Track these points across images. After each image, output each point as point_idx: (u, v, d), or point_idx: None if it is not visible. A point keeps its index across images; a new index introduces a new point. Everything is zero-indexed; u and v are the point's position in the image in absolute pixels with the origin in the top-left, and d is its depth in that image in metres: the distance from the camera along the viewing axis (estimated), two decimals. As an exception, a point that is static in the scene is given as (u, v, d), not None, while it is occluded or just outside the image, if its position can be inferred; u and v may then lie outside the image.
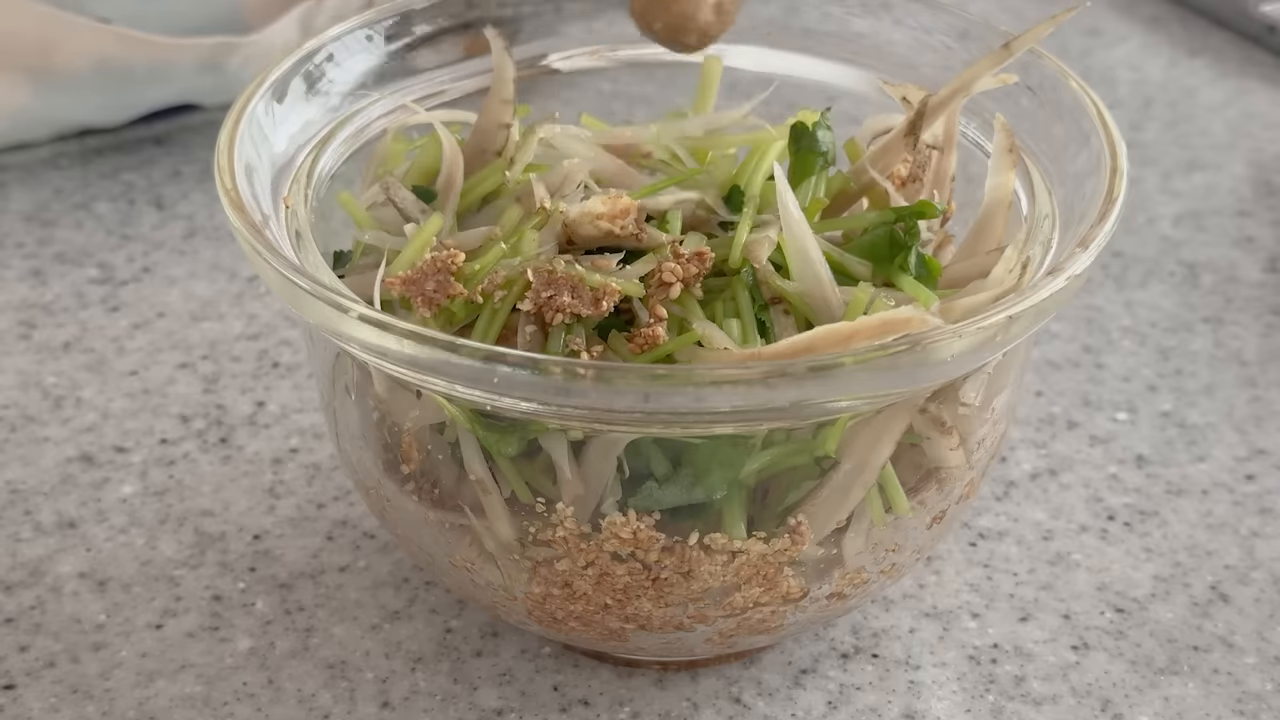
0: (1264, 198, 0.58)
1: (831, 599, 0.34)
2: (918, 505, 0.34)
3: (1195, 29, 0.71)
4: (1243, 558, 0.41)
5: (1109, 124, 0.36)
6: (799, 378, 0.28)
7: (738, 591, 0.33)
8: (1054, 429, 0.46)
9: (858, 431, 0.32)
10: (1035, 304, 0.30)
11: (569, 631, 0.35)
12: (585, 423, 0.30)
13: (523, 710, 0.37)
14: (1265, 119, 0.64)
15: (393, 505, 0.35)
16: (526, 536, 0.32)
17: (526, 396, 0.29)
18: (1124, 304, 0.52)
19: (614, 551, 0.32)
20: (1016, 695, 0.37)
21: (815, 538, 0.33)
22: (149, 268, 0.53)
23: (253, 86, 0.36)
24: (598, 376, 0.28)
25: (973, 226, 0.37)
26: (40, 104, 0.56)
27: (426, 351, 0.29)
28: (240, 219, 0.32)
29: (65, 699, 0.37)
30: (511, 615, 0.35)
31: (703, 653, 0.36)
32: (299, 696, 0.37)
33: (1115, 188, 0.34)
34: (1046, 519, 0.43)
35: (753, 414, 0.29)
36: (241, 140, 0.34)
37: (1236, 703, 0.37)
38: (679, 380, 0.28)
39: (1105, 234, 0.33)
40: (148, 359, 0.48)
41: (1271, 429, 0.46)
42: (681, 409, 0.28)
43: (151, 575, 0.40)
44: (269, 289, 0.31)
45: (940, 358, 0.29)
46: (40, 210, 0.56)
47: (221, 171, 0.33)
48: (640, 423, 0.29)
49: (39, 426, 0.45)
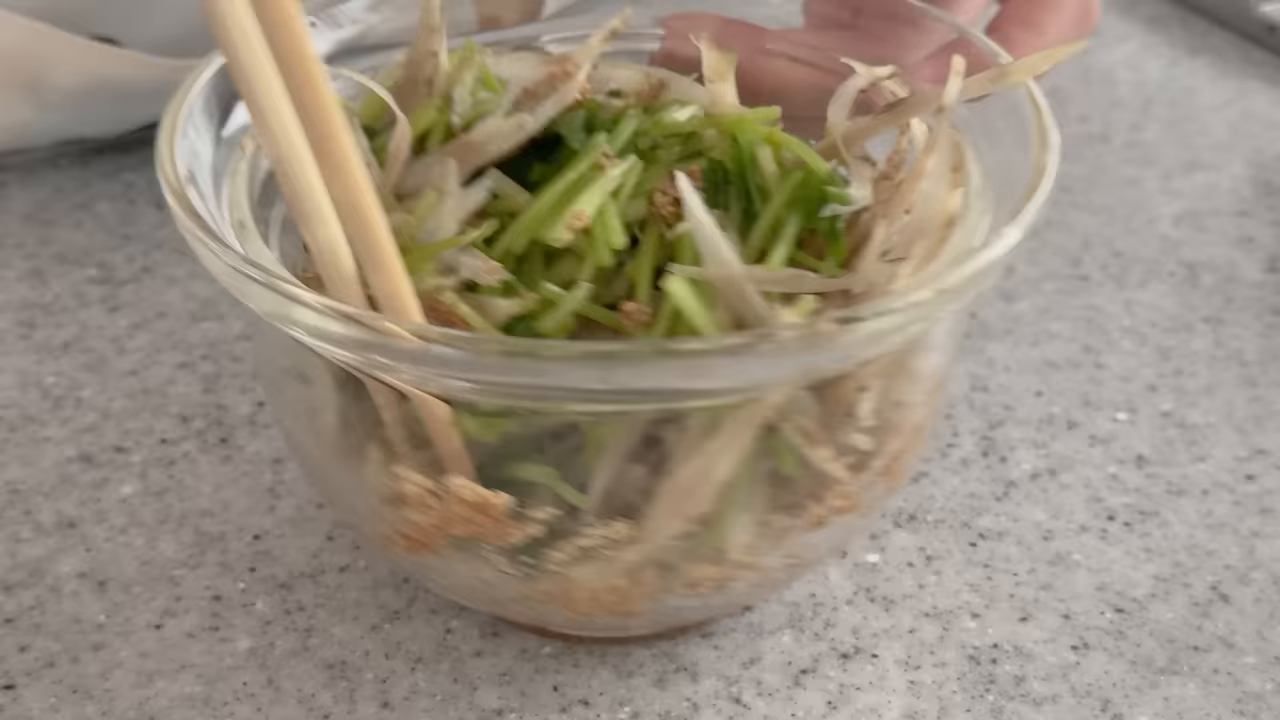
0: (1264, 198, 0.58)
1: (686, 589, 0.34)
2: (783, 513, 0.33)
3: (1195, 29, 0.71)
4: (1243, 558, 0.41)
5: (1037, 97, 0.34)
6: (644, 360, 0.27)
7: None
8: (1054, 429, 0.46)
9: (706, 428, 0.31)
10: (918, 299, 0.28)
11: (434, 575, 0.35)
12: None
13: (523, 710, 0.37)
14: (1265, 119, 0.64)
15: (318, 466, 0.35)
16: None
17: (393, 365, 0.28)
18: (1124, 304, 0.52)
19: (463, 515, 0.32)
20: (1016, 695, 0.37)
21: (659, 531, 0.32)
22: (149, 267, 0.53)
23: (196, 72, 0.36)
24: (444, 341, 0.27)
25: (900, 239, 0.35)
26: (40, 119, 0.56)
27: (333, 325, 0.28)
28: (181, 206, 0.31)
29: (65, 699, 0.37)
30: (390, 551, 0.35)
31: (588, 629, 0.36)
32: (299, 696, 0.37)
33: (1044, 161, 0.32)
34: (1046, 519, 0.43)
35: (579, 393, 0.28)
36: (183, 128, 0.34)
37: (1236, 703, 0.37)
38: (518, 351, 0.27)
39: (1034, 208, 0.31)
40: (148, 359, 0.48)
41: (1271, 429, 0.46)
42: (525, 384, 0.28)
43: (151, 575, 0.40)
44: (219, 279, 0.31)
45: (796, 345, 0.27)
46: (40, 210, 0.56)
47: (163, 160, 0.33)
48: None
49: (39, 426, 0.45)
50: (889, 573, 0.41)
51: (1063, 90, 0.66)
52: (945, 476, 0.44)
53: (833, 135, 0.37)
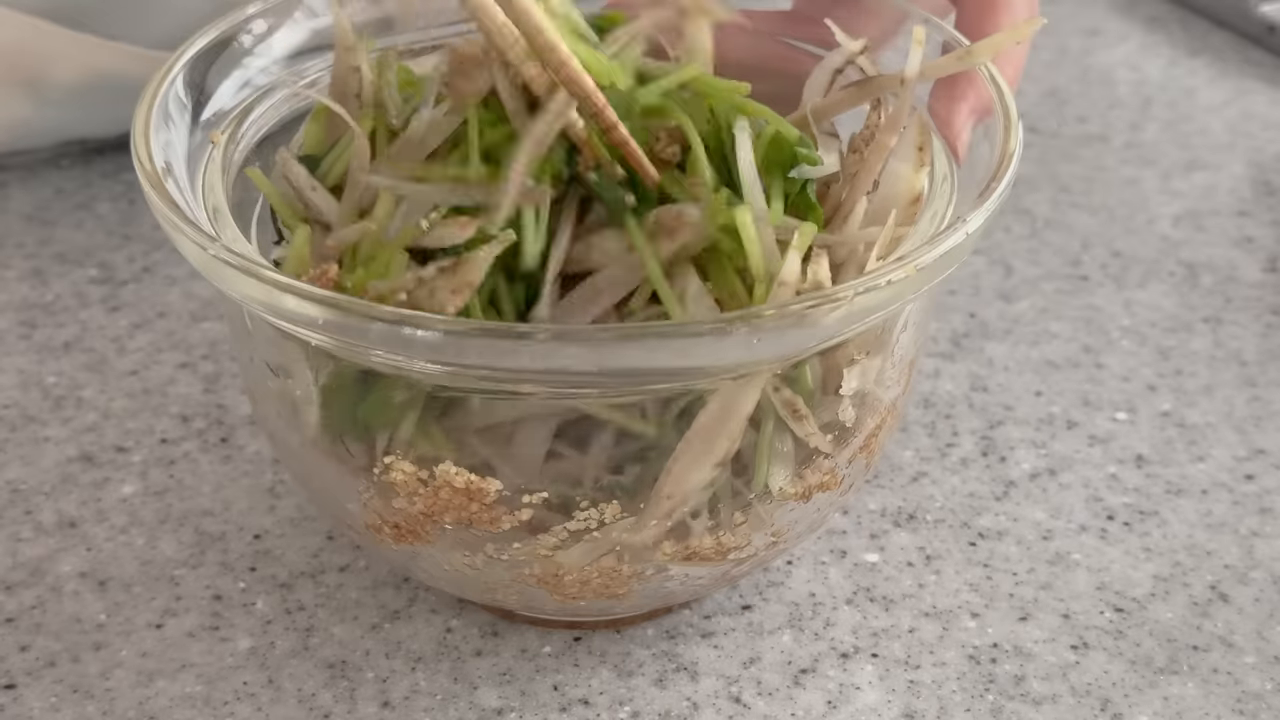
0: (1264, 198, 0.58)
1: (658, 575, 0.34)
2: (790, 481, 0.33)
3: (1195, 29, 0.71)
4: (1242, 557, 0.41)
5: (1000, 83, 0.35)
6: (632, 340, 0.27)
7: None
8: (1054, 429, 0.46)
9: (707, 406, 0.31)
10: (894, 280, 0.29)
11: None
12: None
13: (523, 710, 0.37)
14: (1265, 119, 0.64)
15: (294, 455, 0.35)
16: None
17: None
18: (1124, 304, 0.52)
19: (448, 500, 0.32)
20: (1016, 695, 0.37)
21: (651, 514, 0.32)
22: (149, 267, 0.53)
23: (170, 63, 0.36)
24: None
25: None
26: (40, 117, 0.56)
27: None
28: (159, 195, 0.32)
29: (65, 698, 0.37)
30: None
31: (573, 613, 0.36)
32: (299, 696, 0.37)
33: (1010, 143, 0.33)
34: (1046, 519, 0.43)
35: (563, 376, 0.28)
36: (158, 119, 0.34)
37: (1236, 702, 0.37)
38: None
39: (998, 195, 0.32)
40: (148, 359, 0.48)
41: (1271, 429, 0.46)
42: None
43: (152, 575, 0.40)
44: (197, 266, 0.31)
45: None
46: (41, 210, 0.56)
47: (139, 149, 0.33)
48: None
49: (39, 426, 0.45)
50: (889, 572, 0.41)
51: (1062, 90, 0.66)
52: (945, 476, 0.44)
53: (804, 109, 0.37)
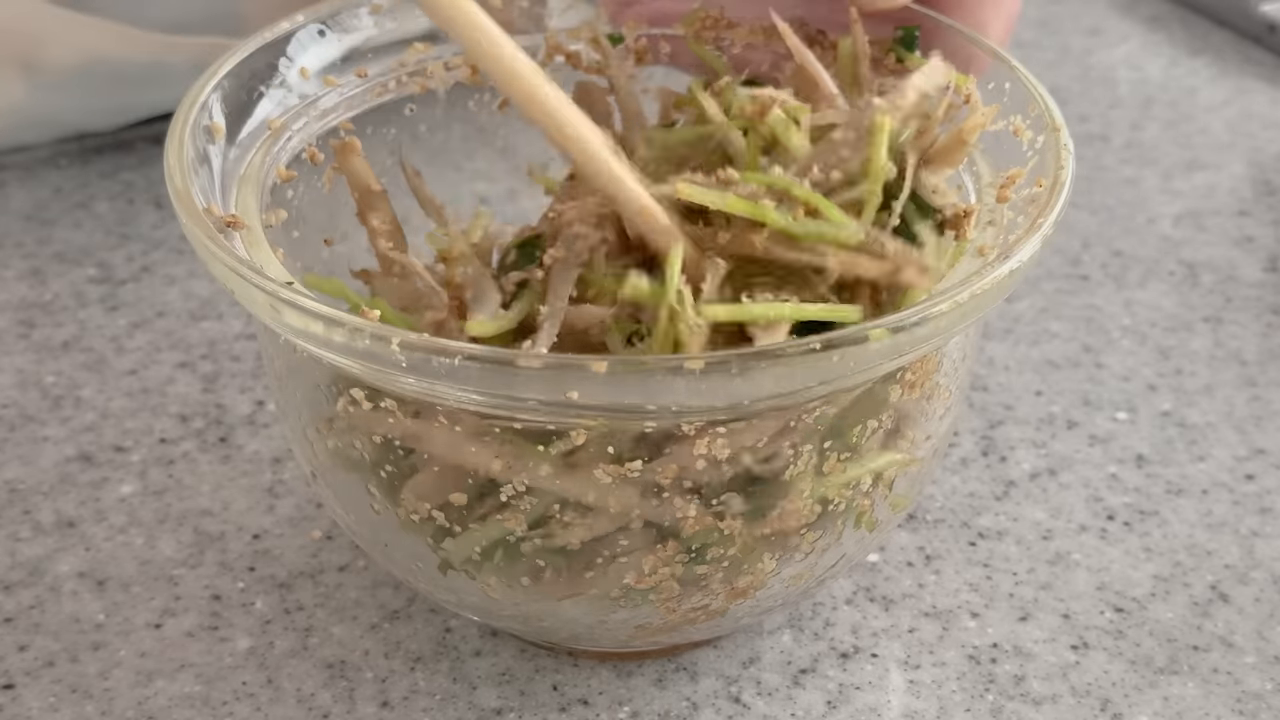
0: (1264, 197, 0.58)
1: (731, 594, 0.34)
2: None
3: (1195, 29, 0.71)
4: (1242, 557, 0.41)
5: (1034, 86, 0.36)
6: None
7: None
8: (1054, 428, 0.46)
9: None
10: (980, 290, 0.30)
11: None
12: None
13: (522, 710, 0.37)
14: (1265, 119, 0.64)
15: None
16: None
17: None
18: (1124, 303, 0.52)
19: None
20: (1016, 695, 0.37)
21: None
22: (148, 267, 0.53)
23: (202, 80, 0.36)
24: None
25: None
26: (34, 102, 0.55)
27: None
28: (190, 218, 0.31)
29: (64, 698, 0.37)
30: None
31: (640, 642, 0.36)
32: (298, 696, 0.37)
33: (1062, 160, 0.34)
34: (1046, 519, 0.43)
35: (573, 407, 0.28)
36: (190, 137, 0.34)
37: (1236, 702, 0.37)
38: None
39: (1055, 214, 0.33)
40: (147, 358, 0.48)
41: (1271, 429, 0.46)
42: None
43: (151, 575, 0.40)
44: (243, 303, 0.31)
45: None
46: (40, 209, 0.56)
47: (171, 171, 0.33)
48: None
49: (38, 426, 0.45)
50: (888, 572, 0.41)
51: (1063, 90, 0.66)
52: (945, 476, 0.44)
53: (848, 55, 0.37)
